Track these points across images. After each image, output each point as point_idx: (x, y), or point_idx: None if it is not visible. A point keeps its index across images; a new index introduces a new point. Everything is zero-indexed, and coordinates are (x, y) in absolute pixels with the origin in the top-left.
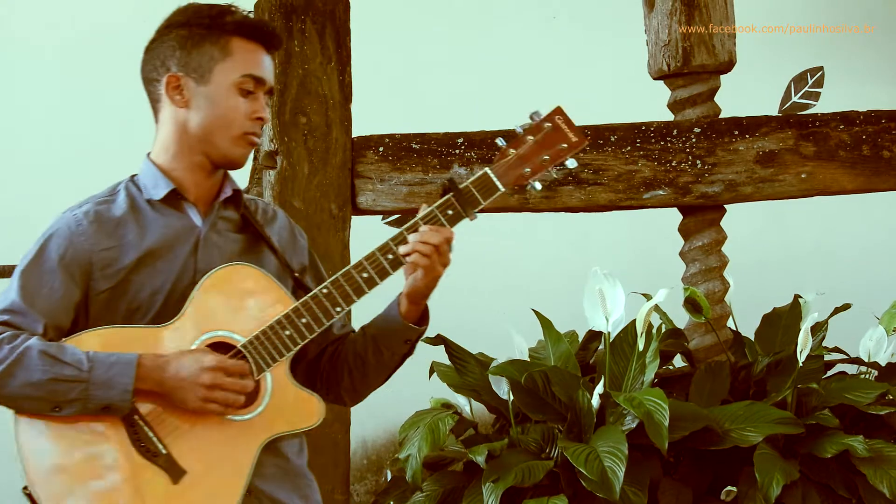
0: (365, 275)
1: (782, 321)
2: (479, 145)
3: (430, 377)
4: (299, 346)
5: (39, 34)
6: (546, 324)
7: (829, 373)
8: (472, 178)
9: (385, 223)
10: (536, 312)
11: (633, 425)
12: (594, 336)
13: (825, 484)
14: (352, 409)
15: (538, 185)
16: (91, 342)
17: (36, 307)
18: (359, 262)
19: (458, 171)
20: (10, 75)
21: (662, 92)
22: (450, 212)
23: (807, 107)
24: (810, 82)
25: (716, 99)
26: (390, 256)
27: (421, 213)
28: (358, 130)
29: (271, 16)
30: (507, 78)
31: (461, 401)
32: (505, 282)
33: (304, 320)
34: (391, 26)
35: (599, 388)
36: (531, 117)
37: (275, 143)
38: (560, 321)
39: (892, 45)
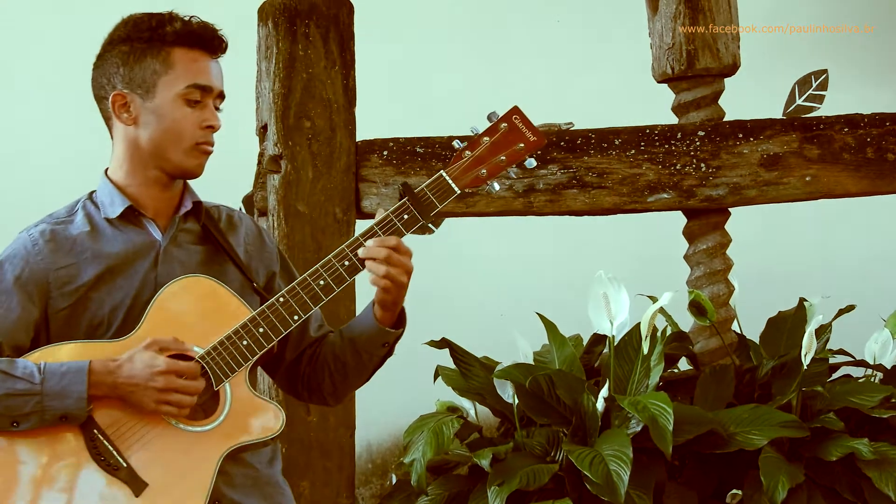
0: (321, 282)
1: (787, 324)
2: None
3: (434, 381)
4: (258, 356)
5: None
6: (550, 327)
7: (835, 375)
8: (428, 182)
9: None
10: (541, 316)
11: (638, 429)
12: (599, 339)
13: (830, 487)
14: (357, 413)
15: (496, 186)
16: (51, 357)
17: None
18: (314, 269)
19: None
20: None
21: (666, 95)
22: (405, 216)
23: (811, 109)
24: (814, 85)
25: (720, 102)
26: (346, 263)
27: (377, 219)
28: (362, 134)
29: (275, 20)
30: (512, 82)
31: (466, 404)
32: (509, 285)
33: (261, 330)
34: (395, 30)
35: (604, 392)
36: (488, 118)
37: (279, 148)
38: (565, 325)
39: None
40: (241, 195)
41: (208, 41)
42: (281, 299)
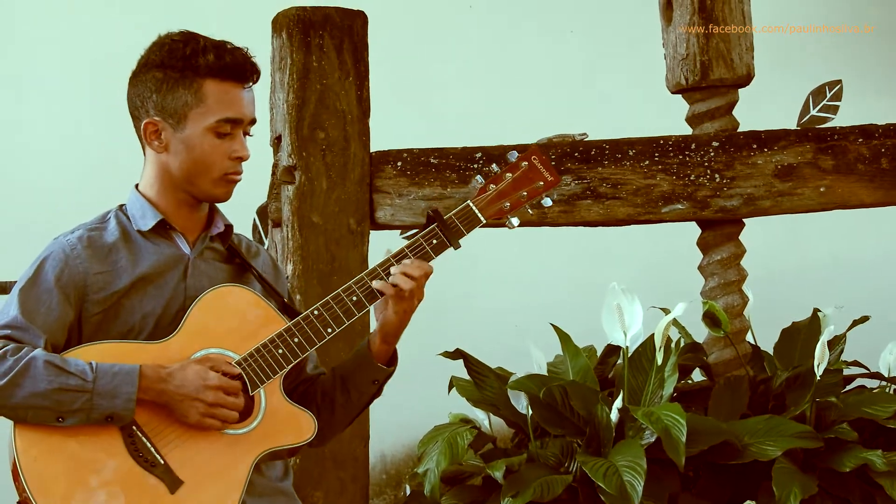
0: (354, 298)
1: (801, 335)
2: (497, 160)
3: (449, 392)
4: (292, 365)
5: (48, 56)
6: (564, 338)
7: (849, 387)
8: (456, 210)
9: (403, 238)
10: (555, 327)
11: (652, 439)
12: (613, 350)
13: (844, 498)
14: (371, 423)
15: (515, 221)
16: (90, 355)
17: (36, 323)
18: (348, 285)
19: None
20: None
21: (681, 106)
22: (434, 241)
23: (825, 120)
24: (828, 95)
25: (734, 112)
26: (376, 283)
27: (407, 242)
28: (376, 145)
29: (289, 31)
30: (526, 92)
31: (480, 415)
32: (523, 296)
33: (296, 340)
34: (409, 41)
35: (618, 403)
36: (507, 156)
37: (293, 159)
38: (578, 336)
39: None
40: (255, 206)
41: (240, 72)
42: (315, 312)
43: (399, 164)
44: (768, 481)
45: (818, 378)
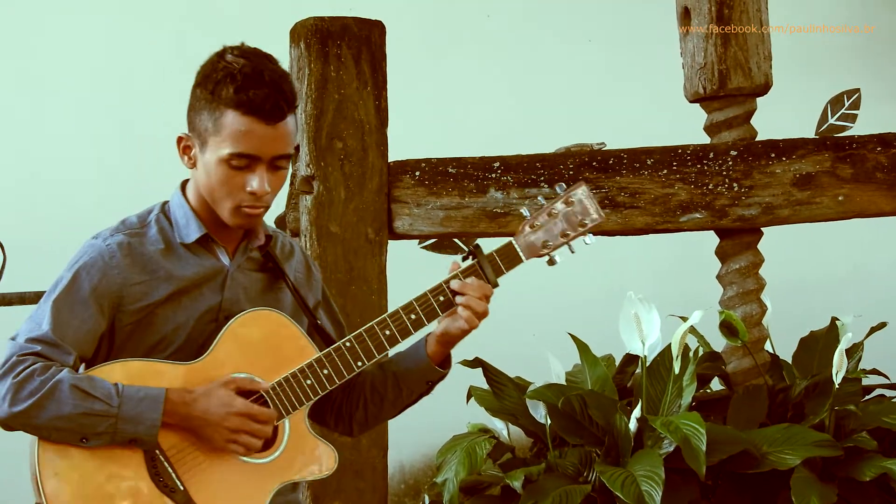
0: (387, 332)
1: (819, 344)
2: (516, 169)
3: (467, 401)
4: (319, 397)
5: (71, 63)
6: (583, 348)
7: (869, 396)
8: (498, 248)
9: (422, 247)
10: (573, 336)
11: (671, 449)
12: (631, 359)
13: None
14: (389, 433)
15: (557, 258)
16: (116, 374)
17: (67, 339)
18: (382, 318)
19: (494, 195)
20: (39, 106)
21: (698, 115)
22: (473, 278)
23: (844, 129)
24: (847, 104)
25: (752, 121)
26: (413, 317)
27: (446, 277)
28: (394, 155)
29: (307, 41)
30: (544, 101)
31: (498, 425)
32: (541, 306)
33: (325, 371)
34: (427, 50)
35: (637, 412)
36: (556, 190)
37: (311, 168)
38: (597, 345)
39: None
40: (273, 216)
41: (259, 110)
42: (347, 344)
43: (417, 173)
44: (787, 490)
45: (837, 387)
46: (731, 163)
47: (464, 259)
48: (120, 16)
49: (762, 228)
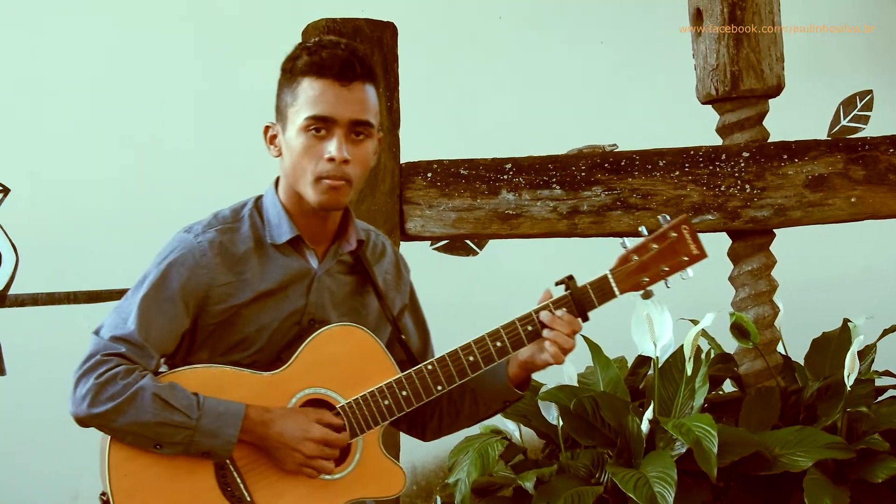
0: (471, 358)
1: (832, 345)
2: (528, 170)
3: None
4: (394, 418)
5: (79, 64)
6: (595, 349)
7: (881, 397)
8: (592, 281)
9: (434, 249)
10: (585, 338)
11: (683, 450)
12: (643, 361)
13: None
14: (401, 434)
15: (652, 291)
16: (193, 380)
17: (150, 340)
18: (467, 344)
19: (505, 197)
20: (48, 107)
21: (711, 116)
22: (563, 310)
23: (856, 130)
24: (859, 106)
25: (764, 123)
26: (498, 344)
27: (536, 307)
28: (406, 156)
29: None
30: (556, 103)
31: (510, 426)
32: None
33: (404, 393)
34: (439, 52)
35: (649, 414)
36: (659, 219)
37: None
38: (609, 347)
39: None
40: None
41: (332, 67)
42: (429, 367)
43: (429, 175)
44: (800, 492)
45: (849, 388)
46: (743, 164)
47: (556, 285)
48: (122, 16)
49: (774, 230)
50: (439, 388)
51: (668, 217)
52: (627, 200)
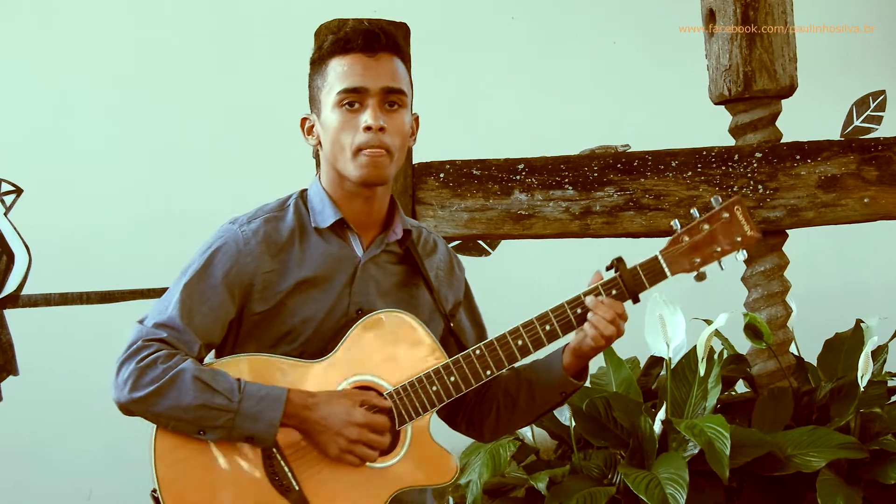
0: (520, 342)
1: (845, 346)
2: (540, 171)
3: None
4: (444, 404)
5: (93, 69)
6: (608, 350)
7: (894, 398)
8: (642, 262)
9: None
10: None
11: (696, 451)
12: (656, 362)
13: None
14: None
15: (705, 272)
16: (236, 369)
17: (193, 325)
18: (516, 328)
19: (518, 197)
20: (71, 108)
21: (723, 117)
22: (614, 291)
23: (869, 131)
24: (872, 106)
25: (777, 123)
26: (548, 328)
27: (586, 289)
28: (418, 157)
29: None
30: (568, 104)
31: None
32: None
33: (452, 378)
34: (451, 53)
35: (661, 415)
36: (709, 204)
37: None
38: (621, 347)
39: None
40: None
41: (360, 42)
42: (477, 352)
43: (441, 175)
44: (813, 493)
45: (862, 389)
46: (755, 165)
47: (607, 269)
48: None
49: (787, 231)
50: (488, 372)
51: (720, 199)
52: (640, 201)
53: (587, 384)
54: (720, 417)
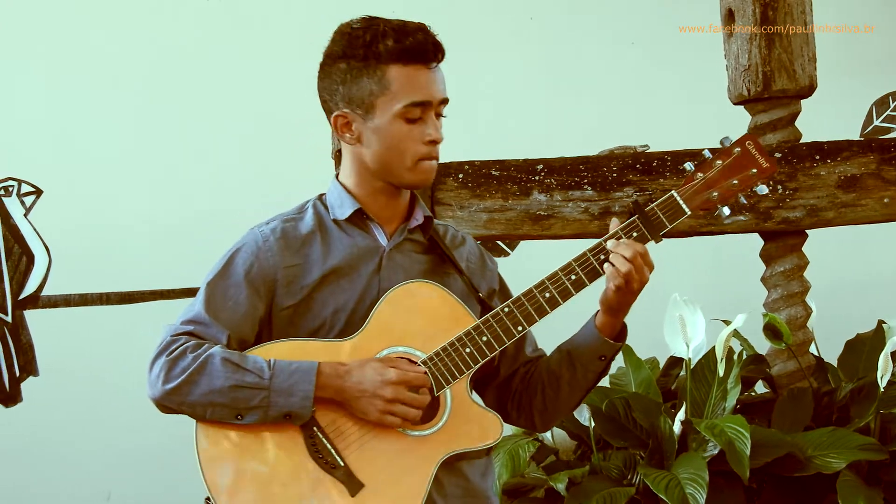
0: (547, 294)
1: (865, 347)
2: (559, 171)
3: None
4: (480, 364)
5: (123, 68)
6: (627, 350)
7: None
8: (658, 201)
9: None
10: None
11: (716, 451)
12: (675, 362)
13: None
14: None
15: (726, 210)
16: (273, 353)
17: (220, 319)
18: (541, 281)
19: (537, 198)
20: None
21: (743, 117)
22: (634, 234)
23: (889, 130)
24: (892, 106)
25: (796, 123)
26: (573, 277)
27: (607, 235)
28: None
29: None
30: (587, 104)
31: None
32: (585, 308)
33: (484, 338)
34: (470, 53)
35: (681, 415)
36: (721, 142)
37: None
38: (641, 347)
39: None
40: None
41: (422, 53)
42: (506, 309)
43: (460, 176)
44: (833, 494)
45: (882, 390)
46: None
47: (627, 217)
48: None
49: (807, 231)
50: (519, 328)
51: (731, 138)
52: None
53: (606, 384)
54: (740, 418)
